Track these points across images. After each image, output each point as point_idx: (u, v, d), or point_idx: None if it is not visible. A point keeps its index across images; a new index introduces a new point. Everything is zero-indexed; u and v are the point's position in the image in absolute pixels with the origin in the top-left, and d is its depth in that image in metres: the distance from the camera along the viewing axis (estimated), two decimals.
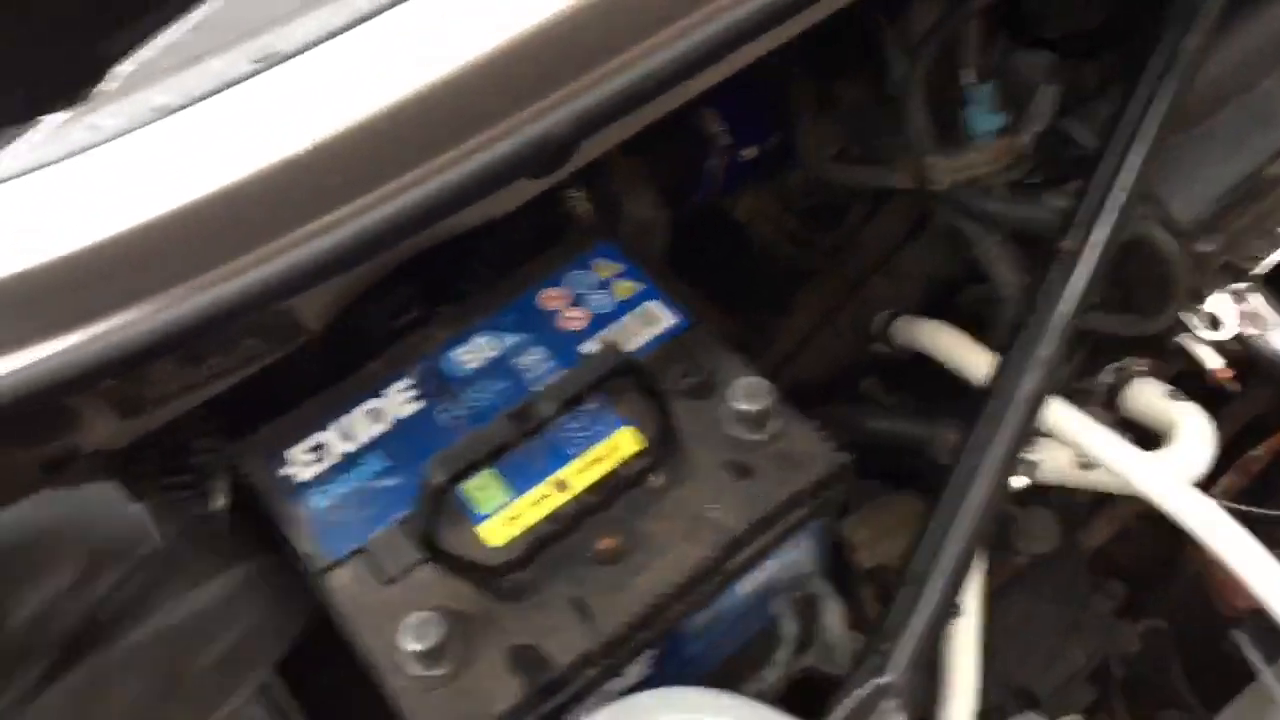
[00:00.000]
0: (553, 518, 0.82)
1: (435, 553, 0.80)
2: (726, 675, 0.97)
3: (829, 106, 1.24)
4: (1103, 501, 1.45)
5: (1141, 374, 1.19)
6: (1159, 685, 1.55)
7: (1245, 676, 1.30)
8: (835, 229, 1.42)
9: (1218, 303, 1.18)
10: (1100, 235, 0.89)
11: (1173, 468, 1.09)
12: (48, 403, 0.68)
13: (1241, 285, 1.20)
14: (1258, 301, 1.24)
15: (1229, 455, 1.56)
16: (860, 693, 0.76)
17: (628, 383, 0.87)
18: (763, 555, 0.84)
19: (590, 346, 0.90)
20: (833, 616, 0.81)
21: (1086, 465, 1.14)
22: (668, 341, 0.91)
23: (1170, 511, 1.05)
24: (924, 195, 1.20)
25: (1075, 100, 1.13)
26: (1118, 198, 0.89)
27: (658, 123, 0.98)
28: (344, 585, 0.79)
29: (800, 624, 0.87)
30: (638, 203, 1.08)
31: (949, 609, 0.79)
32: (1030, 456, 1.15)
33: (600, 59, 0.81)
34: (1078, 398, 1.18)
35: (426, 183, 0.77)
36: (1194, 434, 1.12)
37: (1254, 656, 1.22)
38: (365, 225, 0.77)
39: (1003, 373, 0.86)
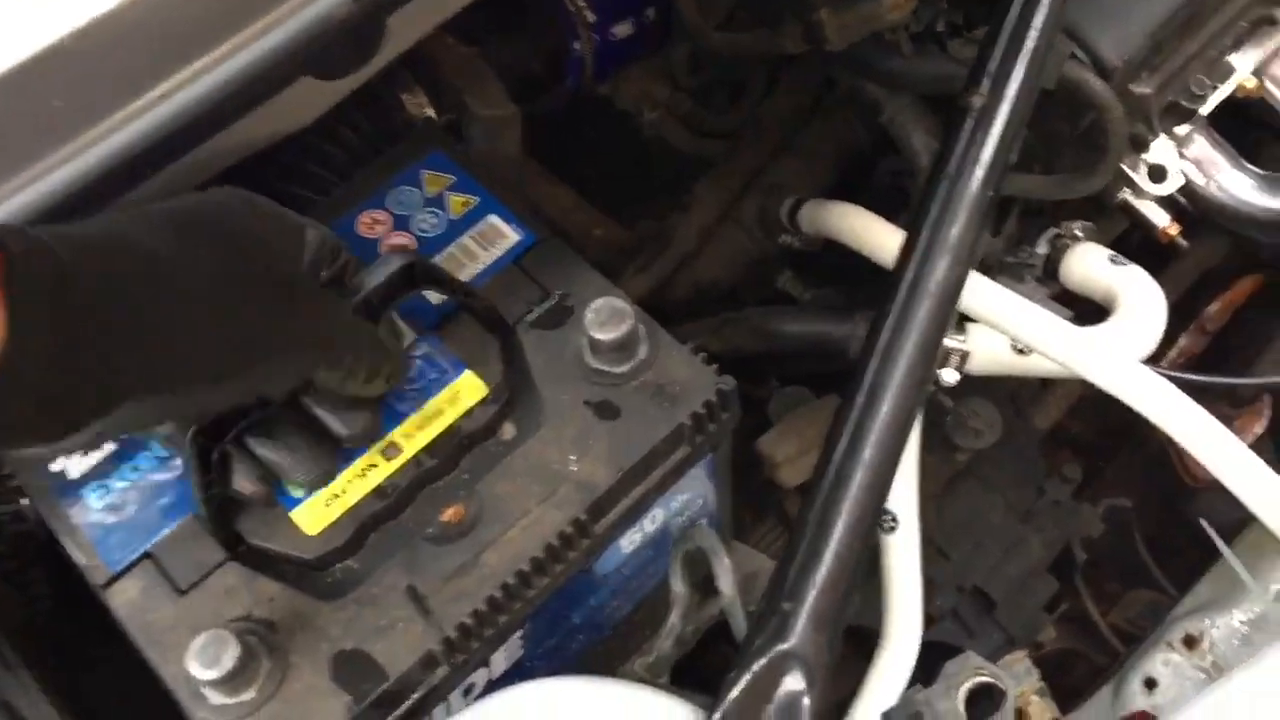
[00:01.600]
0: (381, 491, 0.68)
1: (238, 550, 0.66)
2: (629, 638, 0.85)
3: None
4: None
5: (1080, 239, 1.06)
6: (1125, 565, 1.46)
7: (1214, 548, 1.21)
8: (735, 108, 1.27)
9: (1161, 151, 1.04)
10: (1015, 85, 0.74)
11: (1118, 344, 0.97)
12: None
13: (1185, 129, 1.06)
14: (1202, 144, 1.10)
15: (1182, 313, 1.45)
16: (759, 665, 0.64)
17: (466, 317, 0.73)
18: (643, 506, 0.71)
19: None
20: (724, 575, 0.68)
21: (1024, 350, 1.01)
22: (512, 262, 0.76)
23: (1119, 394, 0.92)
24: (822, 60, 1.04)
25: None
26: (1033, 38, 0.74)
27: None
28: (130, 600, 0.65)
29: (693, 581, 0.74)
30: (481, 99, 0.92)
31: (857, 553, 0.66)
32: (961, 345, 1.02)
33: None
34: (1011, 272, 1.06)
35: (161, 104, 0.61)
36: (1141, 304, 0.99)
37: (1219, 540, 1.12)
38: (94, 160, 0.62)
39: (911, 258, 0.72)
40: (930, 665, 1.21)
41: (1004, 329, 0.94)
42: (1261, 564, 1.23)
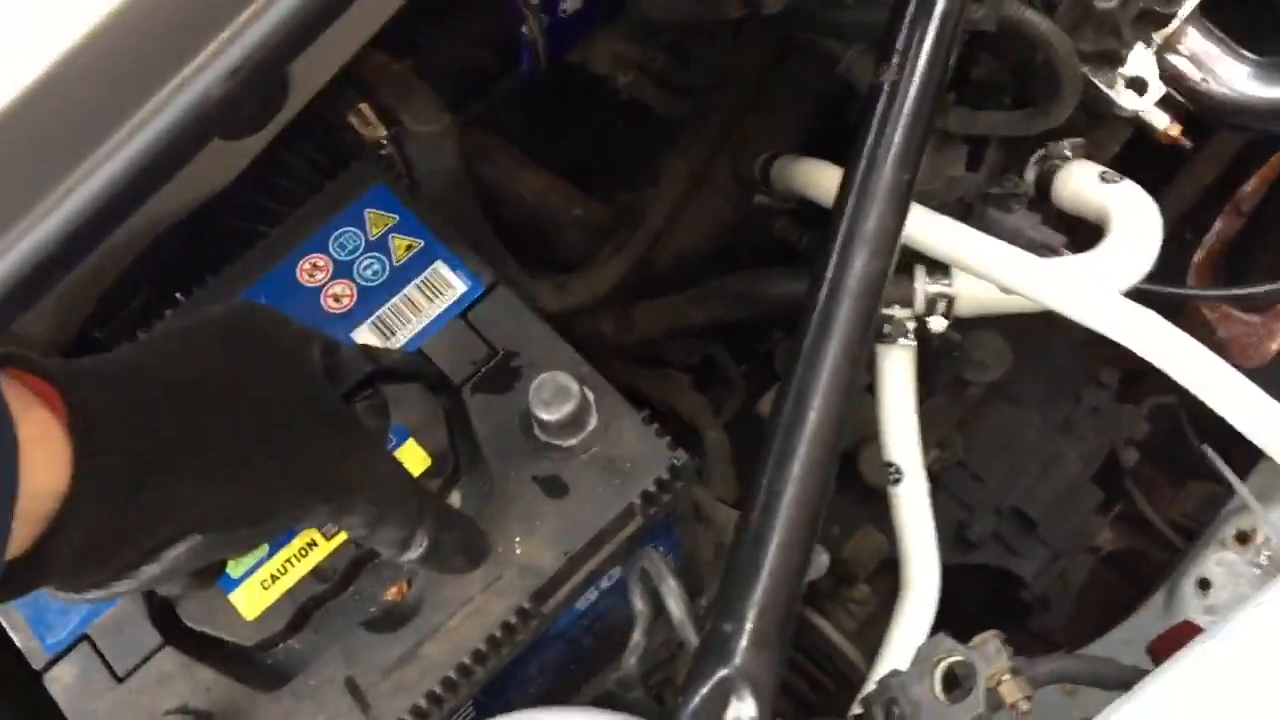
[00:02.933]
0: (321, 572, 0.68)
1: (175, 634, 0.66)
2: (598, 658, 0.83)
3: None
4: None
5: (1069, 159, 1.00)
6: (1179, 461, 1.40)
7: None
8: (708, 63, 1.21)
9: (1138, 62, 0.97)
10: (926, 56, 0.69)
11: (1105, 271, 0.91)
12: None
13: (1166, 31, 0.98)
14: (1195, 40, 1.03)
15: (1217, 193, 1.37)
16: (704, 690, 0.62)
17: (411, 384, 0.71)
18: (593, 579, 0.69)
19: (364, 335, 0.73)
20: (672, 599, 0.67)
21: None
22: (459, 317, 0.73)
23: (1099, 328, 0.86)
24: (768, 20, 0.99)
25: None
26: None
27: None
28: (67, 686, 0.66)
29: (655, 598, 0.73)
30: (415, 116, 0.90)
31: (797, 566, 0.64)
32: (947, 289, 0.99)
33: None
34: (997, 203, 1.01)
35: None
36: (1131, 224, 0.93)
37: (1230, 474, 1.07)
38: None
39: (830, 252, 0.69)
40: (975, 590, 1.19)
41: (972, 270, 0.90)
42: None
